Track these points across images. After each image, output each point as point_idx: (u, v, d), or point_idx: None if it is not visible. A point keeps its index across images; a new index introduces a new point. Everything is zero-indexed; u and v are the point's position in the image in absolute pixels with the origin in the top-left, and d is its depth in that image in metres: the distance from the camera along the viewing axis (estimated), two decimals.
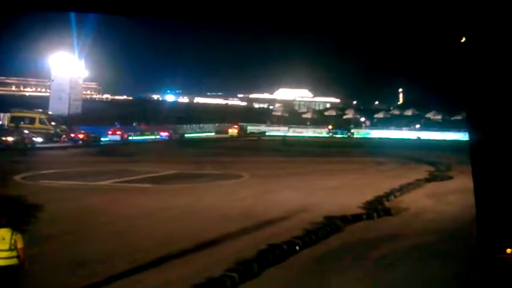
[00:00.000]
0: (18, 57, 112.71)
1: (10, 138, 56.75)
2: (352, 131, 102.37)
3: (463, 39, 12.98)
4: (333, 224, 21.56)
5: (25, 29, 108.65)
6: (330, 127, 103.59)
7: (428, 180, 37.13)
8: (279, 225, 21.60)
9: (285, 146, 71.81)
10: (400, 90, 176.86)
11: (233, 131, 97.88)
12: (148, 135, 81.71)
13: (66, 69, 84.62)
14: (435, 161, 48.98)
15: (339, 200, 27.85)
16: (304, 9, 12.76)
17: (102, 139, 67.99)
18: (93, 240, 18.78)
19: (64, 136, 63.01)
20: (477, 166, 13.03)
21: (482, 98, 12.64)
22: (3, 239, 11.43)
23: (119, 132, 72.27)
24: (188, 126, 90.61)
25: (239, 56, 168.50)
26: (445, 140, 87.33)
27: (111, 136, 70.59)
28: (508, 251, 11.89)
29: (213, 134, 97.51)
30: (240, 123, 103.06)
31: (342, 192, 30.99)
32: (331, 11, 12.90)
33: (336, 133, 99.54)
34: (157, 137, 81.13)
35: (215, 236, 19.37)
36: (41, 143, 59.06)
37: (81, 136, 65.51)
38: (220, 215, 23.60)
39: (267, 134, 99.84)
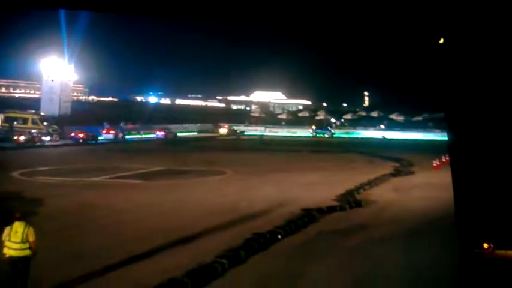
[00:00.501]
0: (8, 60, 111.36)
1: (22, 138, 57.10)
2: (332, 131, 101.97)
3: (441, 41, 12.33)
4: (310, 215, 21.96)
5: (14, 33, 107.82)
6: (314, 127, 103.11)
7: (393, 175, 37.72)
8: (262, 217, 21.93)
9: (263, 145, 71.64)
10: (366, 93, 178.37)
11: (223, 130, 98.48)
12: (145, 134, 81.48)
13: (57, 72, 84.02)
14: (399, 158, 49.24)
15: (314, 193, 28.27)
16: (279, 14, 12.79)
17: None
18: (91, 233, 18.92)
19: (55, 136, 62.42)
20: (455, 163, 12.55)
21: (459, 98, 12.19)
22: (16, 232, 11.80)
23: (112, 132, 72.01)
24: (175, 126, 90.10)
25: (218, 61, 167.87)
26: (407, 139, 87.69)
27: (105, 135, 70.40)
28: (485, 245, 11.41)
29: (195, 133, 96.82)
30: (229, 124, 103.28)
31: (318, 187, 31.29)
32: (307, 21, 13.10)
33: (318, 133, 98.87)
34: (153, 135, 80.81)
35: (205, 227, 19.70)
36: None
37: (81, 135, 65.50)
38: (208, 209, 23.88)
39: (245, 133, 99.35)
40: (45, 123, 64.43)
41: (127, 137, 75.80)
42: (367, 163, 47.53)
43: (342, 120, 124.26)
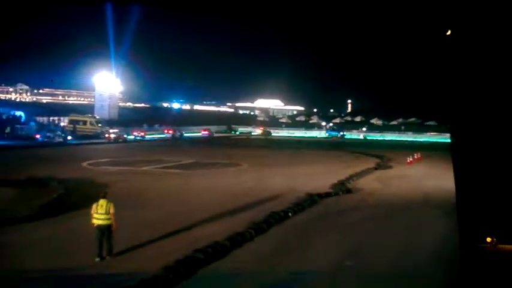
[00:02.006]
0: (63, 73, 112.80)
1: (112, 135, 61.49)
2: (342, 133, 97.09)
3: (449, 32, 11.51)
4: (312, 199, 22.60)
5: (68, 52, 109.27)
6: (328, 128, 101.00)
7: (375, 168, 37.71)
8: (274, 200, 22.42)
9: (268, 143, 70.90)
10: (349, 101, 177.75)
11: (259, 131, 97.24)
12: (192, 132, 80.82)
13: (107, 84, 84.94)
14: (379, 155, 48.75)
15: (315, 182, 28.58)
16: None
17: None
18: (150, 208, 20.11)
19: (107, 135, 62.95)
20: (458, 160, 11.57)
21: (463, 100, 11.23)
22: (102, 206, 13.28)
23: (142, 133, 71.59)
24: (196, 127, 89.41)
25: (228, 73, 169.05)
26: (385, 140, 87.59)
27: (136, 135, 70.16)
28: (488, 239, 10.58)
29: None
30: (264, 126, 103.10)
31: (316, 177, 31.46)
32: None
33: (330, 134, 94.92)
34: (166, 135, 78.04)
35: (233, 207, 20.54)
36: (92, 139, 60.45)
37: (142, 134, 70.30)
38: (233, 193, 24.63)
39: (252, 133, 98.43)
40: (99, 125, 65.54)
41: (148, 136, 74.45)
42: (354, 159, 47.12)
43: (331, 124, 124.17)
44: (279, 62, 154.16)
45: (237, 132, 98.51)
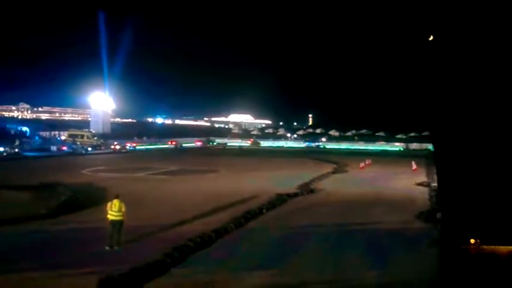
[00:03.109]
0: (59, 93, 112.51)
1: (117, 147, 62.35)
2: (320, 143, 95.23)
3: (431, 38, 10.47)
4: (282, 198, 23.43)
5: (63, 74, 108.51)
6: (306, 139, 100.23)
7: (333, 172, 38.65)
8: (250, 200, 23.02)
9: (242, 152, 70.82)
10: (310, 115, 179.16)
11: (249, 142, 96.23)
12: (162, 144, 79.56)
13: (100, 103, 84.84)
14: (336, 161, 49.36)
15: (282, 185, 28.90)
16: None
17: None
18: (146, 207, 20.50)
19: (113, 146, 63.50)
20: (441, 164, 10.71)
21: (445, 106, 10.25)
22: (115, 205, 14.14)
23: (134, 144, 71.03)
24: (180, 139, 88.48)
25: (204, 91, 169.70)
26: (341, 148, 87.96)
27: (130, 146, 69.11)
28: (472, 241, 9.76)
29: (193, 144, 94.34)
30: (254, 138, 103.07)
31: (284, 180, 31.75)
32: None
33: (309, 144, 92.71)
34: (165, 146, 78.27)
35: (216, 206, 21.11)
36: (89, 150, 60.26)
37: (134, 145, 69.37)
38: (214, 194, 25.19)
39: (228, 144, 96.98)
40: (95, 138, 65.82)
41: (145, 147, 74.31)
42: (315, 164, 47.58)
43: (295, 135, 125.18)
44: (250, 82, 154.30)
45: (215, 143, 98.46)
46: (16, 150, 51.72)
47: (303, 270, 12.64)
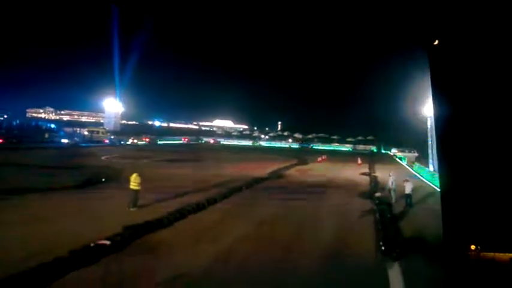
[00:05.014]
0: (76, 98, 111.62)
1: (135, 140, 64.89)
2: (311, 144, 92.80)
3: (436, 42, 8.63)
4: (256, 181, 24.30)
5: (81, 82, 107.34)
6: (300, 141, 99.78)
7: (296, 164, 39.30)
8: (232, 182, 23.37)
9: (223, 148, 70.68)
10: (280, 122, 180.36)
11: (249, 141, 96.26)
12: (172, 139, 78.60)
13: (112, 106, 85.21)
14: (297, 156, 50.24)
15: (256, 172, 29.63)
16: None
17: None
18: (154, 183, 20.52)
19: (131, 140, 65.37)
20: (443, 170, 8.91)
21: (450, 111, 8.51)
22: (135, 178, 15.04)
23: (147, 139, 71.55)
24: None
25: (194, 99, 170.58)
26: (302, 148, 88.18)
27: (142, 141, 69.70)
28: (472, 247, 8.26)
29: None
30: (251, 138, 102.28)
31: (257, 169, 31.88)
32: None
33: (302, 145, 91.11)
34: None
35: (207, 185, 21.76)
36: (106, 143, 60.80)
37: (147, 140, 69.46)
38: (201, 178, 25.42)
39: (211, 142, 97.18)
40: (108, 134, 66.79)
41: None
42: (283, 159, 47.38)
43: (267, 137, 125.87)
44: (231, 94, 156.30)
45: (203, 141, 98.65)
46: (76, 140, 57.56)
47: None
